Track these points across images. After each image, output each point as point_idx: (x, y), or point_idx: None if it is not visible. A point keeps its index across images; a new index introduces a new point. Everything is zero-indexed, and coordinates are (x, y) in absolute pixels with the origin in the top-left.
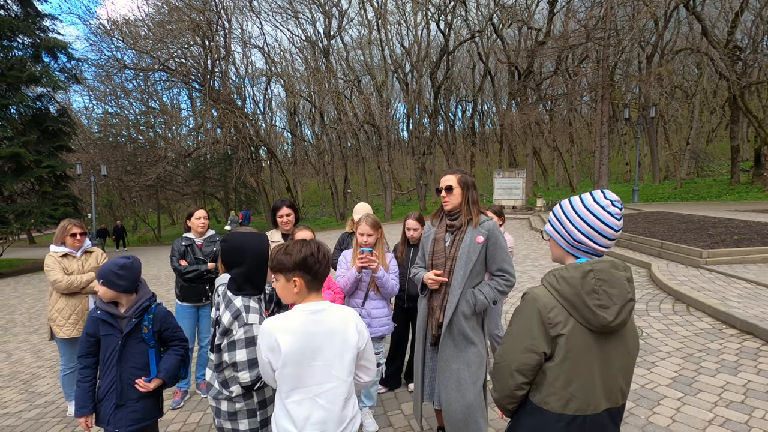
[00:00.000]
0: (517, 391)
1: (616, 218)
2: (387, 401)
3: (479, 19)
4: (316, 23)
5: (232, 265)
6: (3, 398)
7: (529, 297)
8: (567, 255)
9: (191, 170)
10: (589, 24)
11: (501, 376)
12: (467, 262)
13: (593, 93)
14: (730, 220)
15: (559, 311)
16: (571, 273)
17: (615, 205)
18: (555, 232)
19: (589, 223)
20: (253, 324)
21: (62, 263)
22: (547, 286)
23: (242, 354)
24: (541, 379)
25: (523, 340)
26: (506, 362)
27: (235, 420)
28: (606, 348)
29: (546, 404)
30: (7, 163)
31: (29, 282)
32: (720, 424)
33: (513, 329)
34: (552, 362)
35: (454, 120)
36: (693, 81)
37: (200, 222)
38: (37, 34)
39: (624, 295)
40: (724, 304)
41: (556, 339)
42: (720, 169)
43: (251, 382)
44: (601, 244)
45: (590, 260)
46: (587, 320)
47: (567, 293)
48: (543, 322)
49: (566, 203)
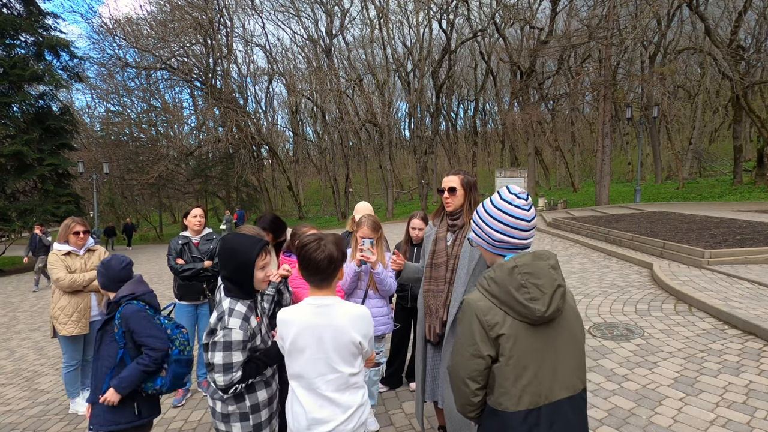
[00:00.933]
0: (473, 398)
1: (525, 209)
2: (388, 400)
3: (481, 18)
4: (318, 22)
5: (224, 265)
6: (5, 395)
7: (465, 303)
8: (495, 256)
9: (193, 169)
10: (592, 23)
11: (455, 386)
12: (470, 261)
13: (595, 92)
14: (733, 220)
15: (495, 312)
16: (498, 273)
17: (520, 198)
18: (478, 238)
19: (502, 221)
20: (233, 329)
21: (65, 261)
22: (480, 289)
23: (218, 357)
24: (492, 381)
25: (467, 347)
26: (456, 371)
27: (228, 422)
28: (549, 338)
29: (500, 405)
30: (9, 161)
31: (31, 280)
32: (722, 424)
33: (457, 338)
34: (499, 363)
35: (455, 119)
36: (696, 81)
37: (196, 220)
38: (40, 32)
39: (551, 283)
40: (727, 304)
41: (498, 339)
42: (722, 169)
43: (224, 385)
44: (520, 238)
45: (514, 256)
46: (522, 315)
47: (497, 293)
48: (482, 325)
49: (480, 209)
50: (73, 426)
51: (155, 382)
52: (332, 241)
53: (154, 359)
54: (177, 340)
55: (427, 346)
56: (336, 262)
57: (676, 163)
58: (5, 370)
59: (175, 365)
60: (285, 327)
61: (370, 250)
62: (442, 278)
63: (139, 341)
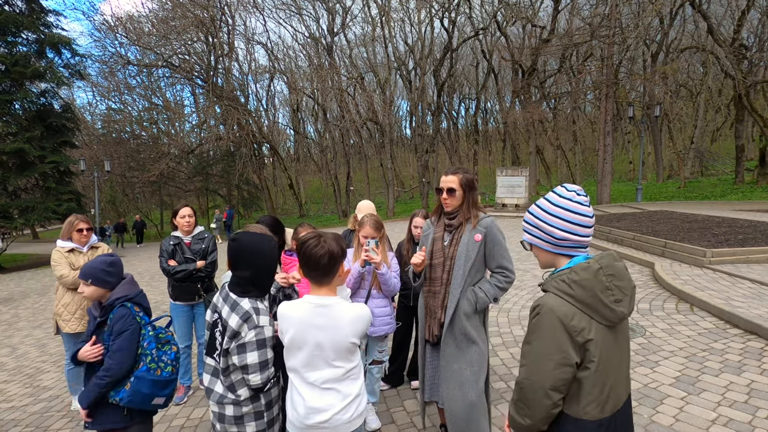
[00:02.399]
0: (553, 410)
1: (586, 205)
2: (390, 398)
3: (483, 17)
4: (319, 20)
5: (239, 266)
6: (8, 392)
7: (545, 309)
8: (556, 257)
9: (194, 167)
10: (594, 22)
11: (533, 399)
12: (466, 261)
13: (597, 91)
14: (735, 219)
15: (581, 317)
16: (582, 275)
17: (580, 194)
18: (536, 239)
19: (564, 218)
20: (264, 326)
21: (69, 258)
22: (560, 293)
23: (253, 356)
24: (577, 390)
25: (552, 356)
26: (537, 383)
27: (242, 423)
28: (618, 340)
29: (585, 414)
30: (11, 158)
31: (33, 277)
32: (723, 423)
33: (535, 347)
34: (587, 371)
35: (457, 118)
36: (698, 80)
37: (185, 221)
38: (42, 29)
39: (630, 284)
40: (728, 303)
41: (585, 345)
42: (724, 168)
43: (262, 384)
44: (583, 235)
45: (593, 258)
46: (606, 318)
47: (583, 297)
48: (568, 331)
49: (535, 208)
50: (75, 422)
51: (117, 393)
52: (332, 238)
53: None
54: (149, 356)
55: (426, 347)
56: (336, 258)
57: (678, 163)
58: (8, 367)
59: (137, 382)
60: (284, 322)
61: (375, 250)
62: (439, 279)
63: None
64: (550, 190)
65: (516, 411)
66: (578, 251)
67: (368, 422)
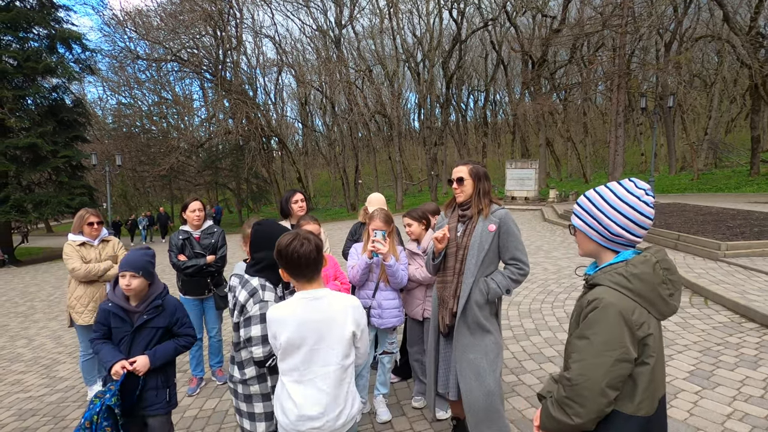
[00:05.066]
0: (607, 408)
1: (651, 207)
2: (400, 390)
3: (492, 7)
4: (327, 12)
5: (261, 248)
6: (26, 382)
7: (604, 303)
8: (603, 250)
9: (203, 160)
10: (606, 11)
11: (588, 397)
12: (479, 251)
13: (609, 82)
14: (750, 212)
15: (640, 311)
16: (641, 269)
17: (648, 194)
18: (587, 227)
19: (627, 215)
20: (269, 301)
21: (80, 252)
22: (617, 287)
23: (257, 329)
24: (632, 386)
25: (612, 352)
26: (593, 380)
27: (251, 403)
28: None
29: (640, 411)
30: (25, 153)
31: (48, 270)
32: (739, 418)
33: (593, 341)
34: (646, 365)
35: (465, 110)
36: (712, 69)
37: (195, 215)
38: (52, 25)
39: (680, 279)
40: (744, 297)
41: (645, 340)
42: (739, 159)
43: (264, 357)
44: (638, 235)
45: (650, 251)
46: (662, 313)
47: (643, 290)
48: (629, 326)
49: (595, 196)
50: None
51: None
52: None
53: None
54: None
55: (439, 337)
56: (320, 249)
57: (691, 154)
58: (24, 357)
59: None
60: (279, 326)
61: (381, 242)
62: (451, 269)
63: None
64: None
65: (561, 410)
66: (626, 248)
67: (379, 414)
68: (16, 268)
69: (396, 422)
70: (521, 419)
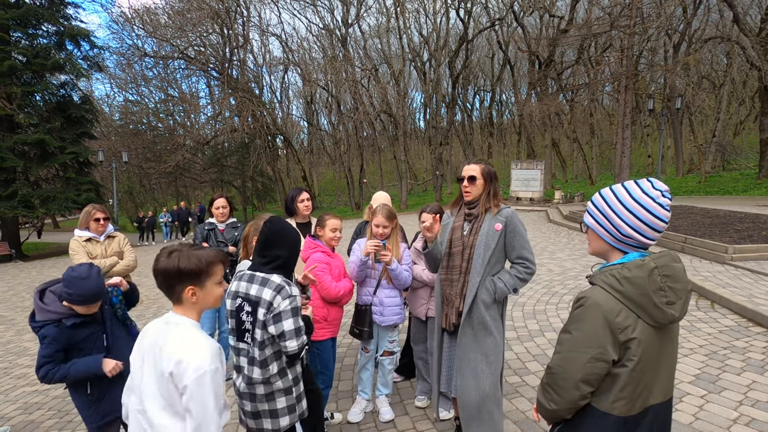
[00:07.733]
0: (581, 401)
1: (667, 210)
2: (403, 390)
3: (500, 7)
4: (334, 11)
5: (274, 245)
6: (31, 376)
7: (590, 302)
8: (612, 250)
9: (209, 158)
10: (614, 11)
11: (563, 387)
12: (486, 250)
13: (616, 83)
14: (758, 215)
15: (627, 314)
16: (635, 272)
17: (665, 196)
18: (598, 226)
19: (640, 216)
20: (296, 295)
21: (86, 247)
22: (607, 288)
23: (289, 323)
24: (609, 385)
25: (589, 349)
26: (569, 373)
27: (273, 400)
28: (663, 341)
29: (614, 410)
30: (33, 149)
31: (54, 265)
32: (745, 423)
33: (574, 336)
34: (624, 368)
35: (471, 110)
36: (722, 71)
37: (219, 212)
38: (61, 22)
39: (686, 287)
40: (751, 301)
41: (627, 344)
42: (747, 162)
43: (298, 349)
44: (651, 237)
45: (650, 256)
46: (655, 319)
47: (633, 294)
48: (611, 328)
49: (609, 195)
50: None
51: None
52: (183, 254)
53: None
54: None
55: (444, 336)
56: (173, 274)
57: (699, 156)
58: (30, 351)
59: None
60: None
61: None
62: (458, 268)
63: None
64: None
65: (543, 394)
66: (637, 250)
67: (382, 413)
68: (23, 263)
69: (399, 421)
70: (524, 420)
